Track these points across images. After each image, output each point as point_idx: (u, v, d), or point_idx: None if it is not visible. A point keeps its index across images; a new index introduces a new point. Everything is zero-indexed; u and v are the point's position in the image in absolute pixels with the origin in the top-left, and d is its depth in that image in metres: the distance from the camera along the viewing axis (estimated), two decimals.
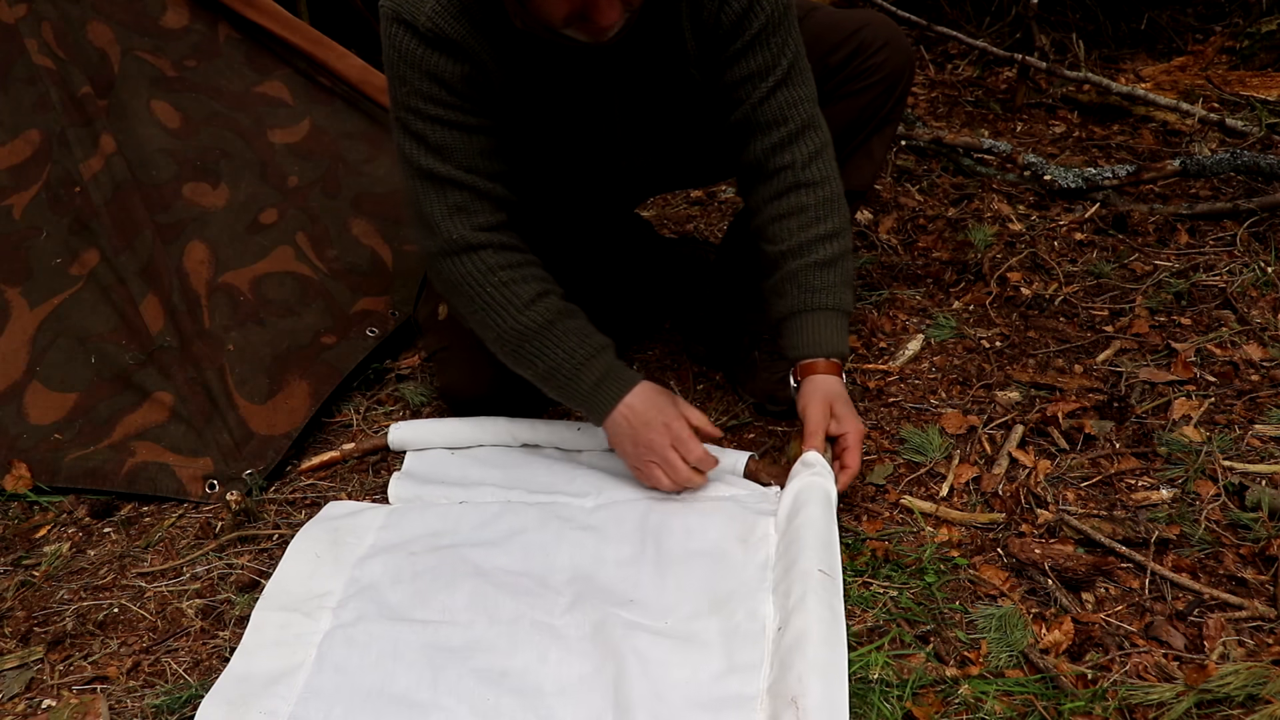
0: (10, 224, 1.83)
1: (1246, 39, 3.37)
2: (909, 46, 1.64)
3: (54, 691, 1.26)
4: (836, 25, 1.61)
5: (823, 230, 1.47)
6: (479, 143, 1.43)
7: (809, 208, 1.47)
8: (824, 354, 1.47)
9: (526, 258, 1.48)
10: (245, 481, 1.59)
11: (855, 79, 1.60)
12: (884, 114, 1.65)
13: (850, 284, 1.50)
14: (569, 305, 1.47)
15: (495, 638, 1.25)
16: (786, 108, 1.44)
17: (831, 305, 1.47)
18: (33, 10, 1.89)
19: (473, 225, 1.43)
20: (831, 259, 1.47)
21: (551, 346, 1.44)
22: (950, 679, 1.17)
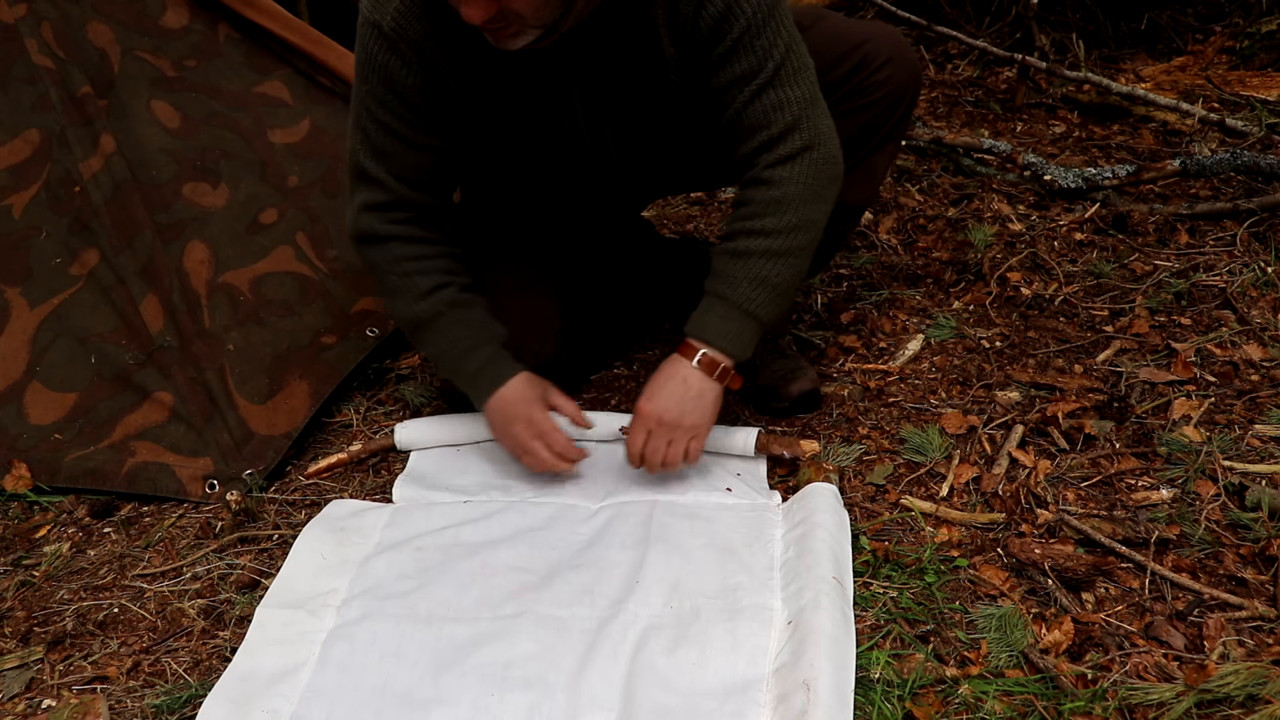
0: (10, 224, 1.82)
1: (1246, 39, 3.37)
2: (915, 62, 1.60)
3: (54, 691, 1.26)
4: (840, 39, 1.57)
5: (752, 225, 1.41)
6: (418, 157, 1.48)
7: (751, 202, 1.42)
8: (691, 333, 1.44)
9: (434, 250, 1.52)
10: (245, 481, 1.59)
11: (856, 95, 1.56)
12: (886, 130, 1.61)
13: (764, 284, 1.41)
14: (466, 296, 1.52)
15: (499, 631, 1.25)
16: (771, 111, 1.40)
17: (720, 293, 1.42)
18: (33, 10, 1.89)
19: (385, 219, 1.50)
20: (745, 251, 1.41)
21: (440, 336, 1.51)
22: (950, 679, 1.17)
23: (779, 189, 1.40)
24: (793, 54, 1.40)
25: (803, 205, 1.41)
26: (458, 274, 1.54)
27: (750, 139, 1.42)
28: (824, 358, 1.90)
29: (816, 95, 1.43)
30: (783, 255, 1.41)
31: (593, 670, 1.18)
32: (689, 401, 1.43)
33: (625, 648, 1.21)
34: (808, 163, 1.41)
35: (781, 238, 1.41)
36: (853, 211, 1.70)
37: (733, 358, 1.44)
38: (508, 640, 1.24)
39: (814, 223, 1.43)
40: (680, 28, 1.37)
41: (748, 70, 1.38)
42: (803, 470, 1.53)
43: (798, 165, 1.41)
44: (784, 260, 1.42)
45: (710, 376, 1.43)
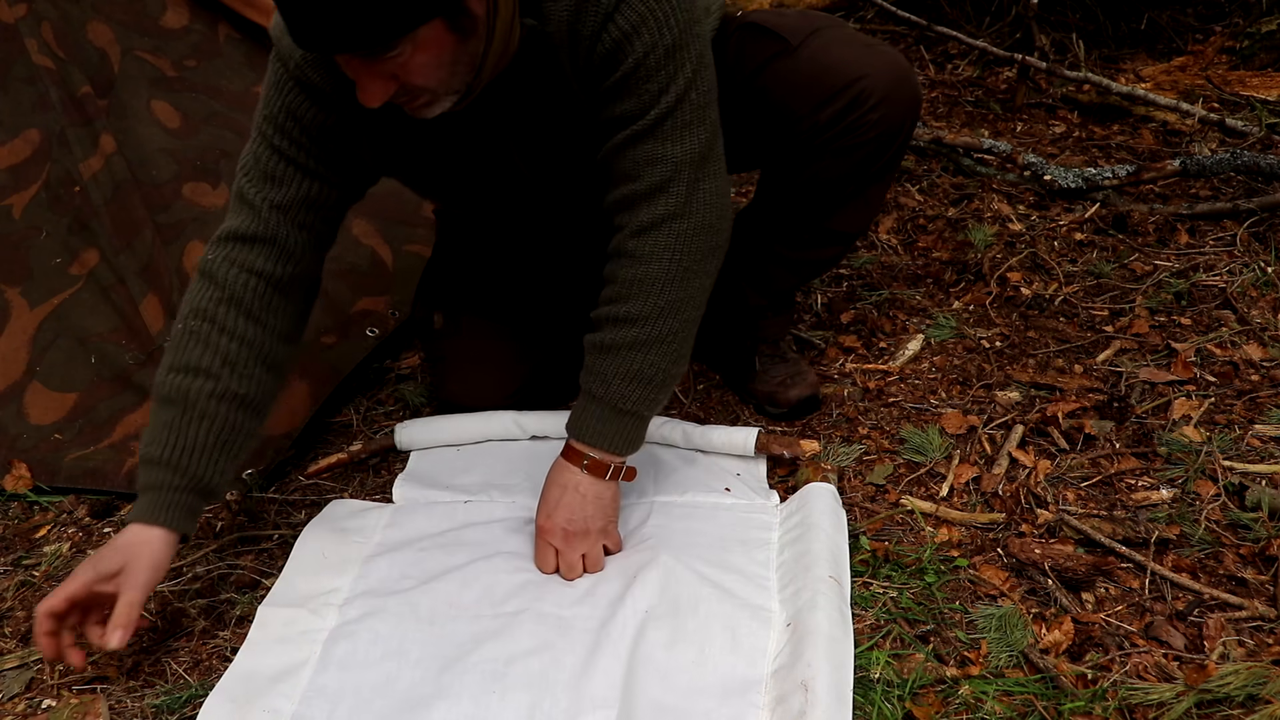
0: (10, 224, 1.83)
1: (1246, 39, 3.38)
2: (913, 93, 1.48)
3: (54, 691, 1.26)
4: (831, 71, 1.44)
5: (617, 311, 1.29)
6: (308, 189, 1.33)
7: (615, 280, 1.29)
8: (573, 435, 1.34)
9: (234, 322, 1.30)
10: (245, 481, 1.59)
11: (847, 135, 1.45)
12: (880, 166, 1.52)
13: (637, 379, 1.29)
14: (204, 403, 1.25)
15: (501, 629, 1.25)
16: (642, 164, 1.25)
17: (593, 392, 1.32)
18: (33, 10, 1.89)
19: (232, 259, 1.32)
20: (612, 345, 1.29)
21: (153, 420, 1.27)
22: (950, 679, 1.18)
23: (643, 266, 1.27)
24: (686, 104, 1.23)
25: (670, 285, 1.27)
26: (239, 372, 1.29)
27: (615, 188, 1.29)
28: (824, 358, 1.90)
29: (708, 154, 1.27)
30: (654, 344, 1.28)
31: (594, 669, 1.18)
32: (589, 508, 1.34)
33: (625, 645, 1.21)
34: (674, 235, 1.26)
35: (649, 325, 1.27)
36: (847, 238, 1.66)
37: (620, 457, 1.35)
38: (509, 637, 1.24)
39: (686, 302, 1.29)
40: (579, 58, 1.24)
41: (629, 112, 1.24)
42: (802, 470, 1.53)
43: (663, 237, 1.26)
44: (656, 349, 1.29)
45: (603, 479, 1.34)
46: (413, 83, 1.13)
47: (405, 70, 1.11)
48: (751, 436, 1.58)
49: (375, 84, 1.11)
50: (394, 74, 1.11)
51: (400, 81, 1.12)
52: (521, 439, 1.69)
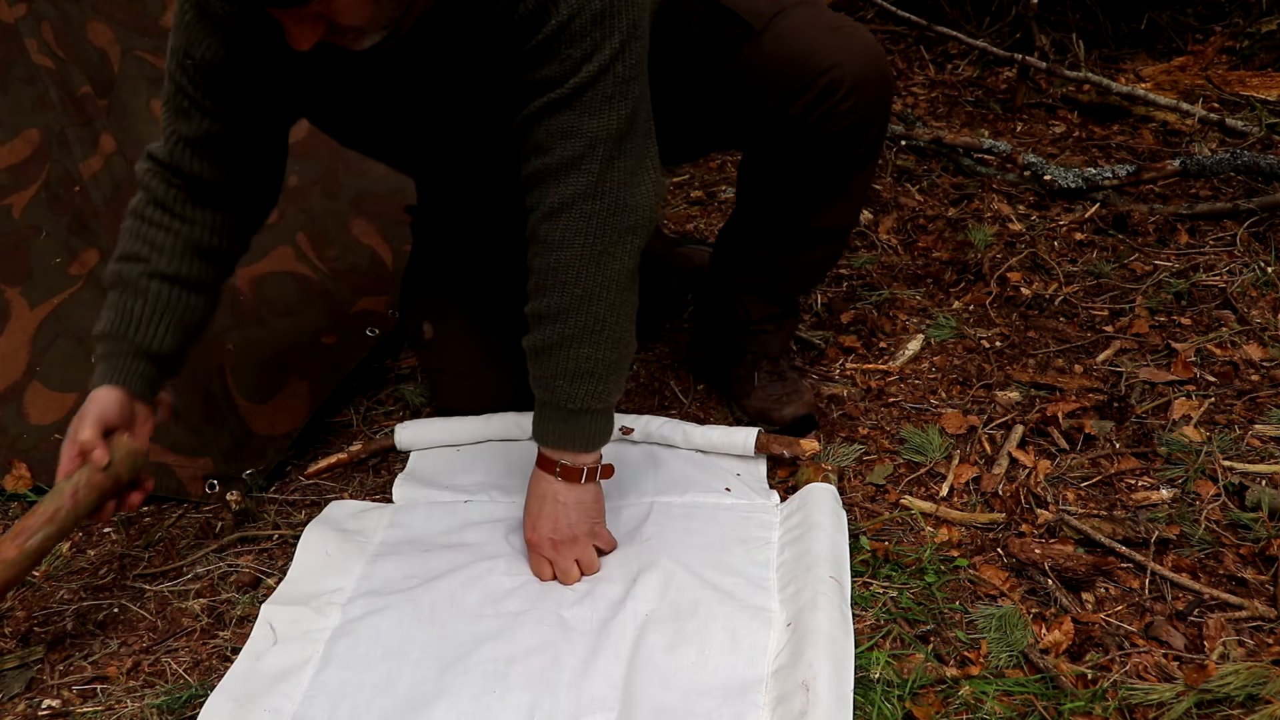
0: (10, 224, 1.82)
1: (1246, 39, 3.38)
2: (885, 78, 1.43)
3: (54, 691, 1.26)
4: (802, 60, 1.38)
5: (539, 308, 1.26)
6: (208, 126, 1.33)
7: (534, 272, 1.26)
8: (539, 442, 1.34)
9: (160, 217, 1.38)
10: (245, 481, 1.59)
11: (820, 126, 1.41)
12: (859, 155, 1.47)
13: (579, 376, 1.27)
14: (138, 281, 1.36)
15: (502, 629, 1.25)
16: (555, 136, 1.19)
17: (542, 398, 1.30)
18: (33, 10, 1.89)
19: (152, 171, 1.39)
20: (545, 346, 1.27)
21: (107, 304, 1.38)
22: (950, 679, 1.18)
23: (555, 252, 1.22)
24: (610, 77, 1.16)
25: (585, 271, 1.22)
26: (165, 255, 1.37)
27: (526, 161, 1.24)
28: (824, 358, 1.90)
29: (628, 131, 1.21)
30: (583, 336, 1.24)
31: (594, 670, 1.18)
32: (571, 514, 1.33)
33: (625, 647, 1.21)
34: (585, 216, 1.20)
35: (572, 318, 1.23)
36: (835, 234, 1.61)
37: (590, 454, 1.33)
38: (510, 637, 1.24)
39: (605, 286, 1.24)
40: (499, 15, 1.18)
41: (548, 78, 1.17)
42: (802, 470, 1.53)
43: (574, 219, 1.21)
44: (587, 341, 1.25)
45: (579, 483, 1.33)
46: (340, 22, 1.09)
47: (332, 10, 1.07)
48: (751, 437, 1.58)
49: (303, 27, 1.07)
50: (320, 14, 1.07)
51: (328, 21, 1.08)
52: (522, 439, 1.68)
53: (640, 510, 1.47)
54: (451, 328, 1.68)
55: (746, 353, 1.73)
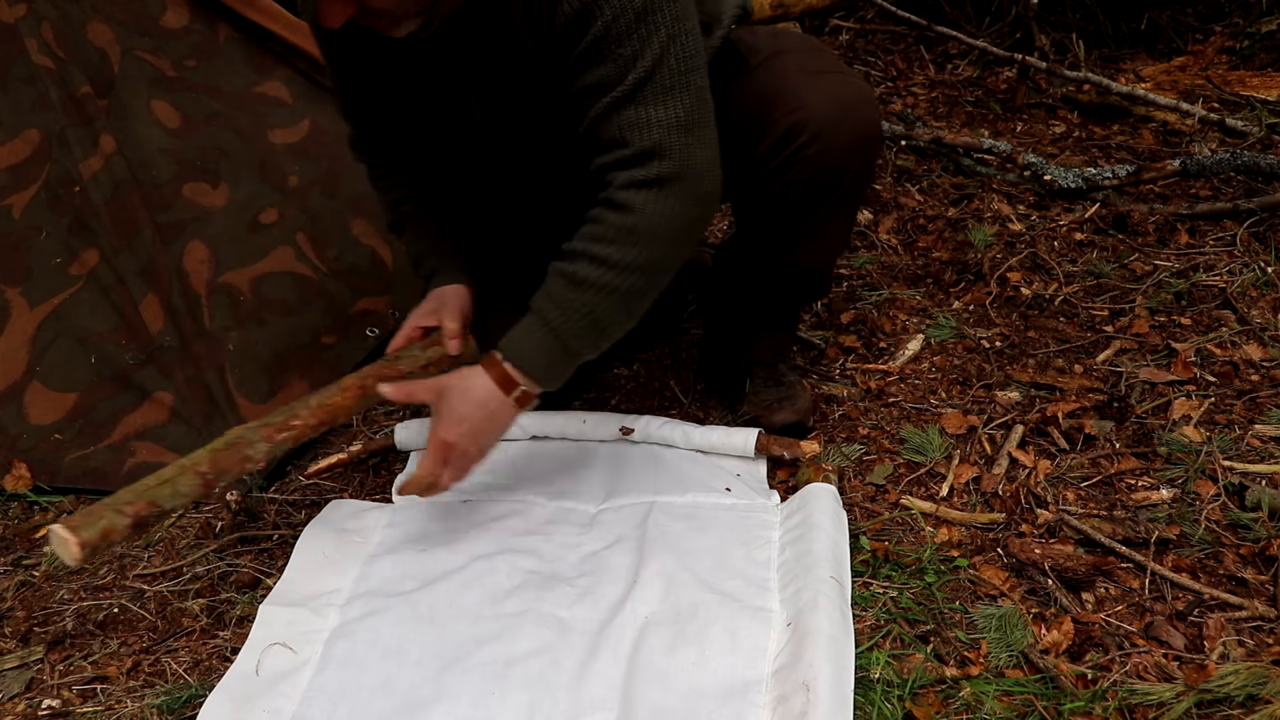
0: (10, 224, 1.82)
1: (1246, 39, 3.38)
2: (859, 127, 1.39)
3: (54, 691, 1.26)
4: (772, 101, 1.39)
5: (597, 251, 1.25)
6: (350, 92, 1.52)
7: (604, 222, 1.25)
8: (508, 356, 1.30)
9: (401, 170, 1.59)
10: (245, 481, 1.59)
11: (786, 171, 1.41)
12: (832, 203, 1.45)
13: (594, 324, 1.27)
14: (417, 210, 1.58)
15: (501, 630, 1.25)
16: (628, 129, 1.22)
17: (548, 319, 1.28)
18: (33, 10, 1.89)
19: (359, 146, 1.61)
20: (583, 280, 1.25)
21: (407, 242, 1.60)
22: (950, 679, 1.17)
23: (635, 216, 1.23)
24: (665, 67, 1.20)
25: (658, 243, 1.24)
26: (423, 190, 1.59)
27: (603, 154, 1.26)
28: (824, 358, 1.90)
29: (694, 119, 1.23)
30: (623, 294, 1.26)
31: (593, 671, 1.18)
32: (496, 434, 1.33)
33: (625, 648, 1.21)
34: (672, 194, 1.23)
35: (627, 275, 1.25)
36: (809, 275, 1.58)
37: (542, 388, 1.33)
38: (509, 639, 1.24)
39: (665, 264, 1.27)
40: (537, 19, 1.23)
41: (604, 80, 1.21)
42: (802, 471, 1.53)
43: (661, 194, 1.23)
44: (622, 301, 1.27)
45: (520, 410, 1.33)
46: (371, 5, 1.16)
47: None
48: (751, 437, 1.58)
49: (334, 7, 1.15)
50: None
51: (358, 4, 1.16)
52: (521, 439, 1.69)
53: (640, 510, 1.47)
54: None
55: (740, 357, 1.73)
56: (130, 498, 1.21)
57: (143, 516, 1.21)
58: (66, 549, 1.15)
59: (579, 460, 1.62)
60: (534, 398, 1.33)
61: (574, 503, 1.52)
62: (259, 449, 1.31)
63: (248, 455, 1.30)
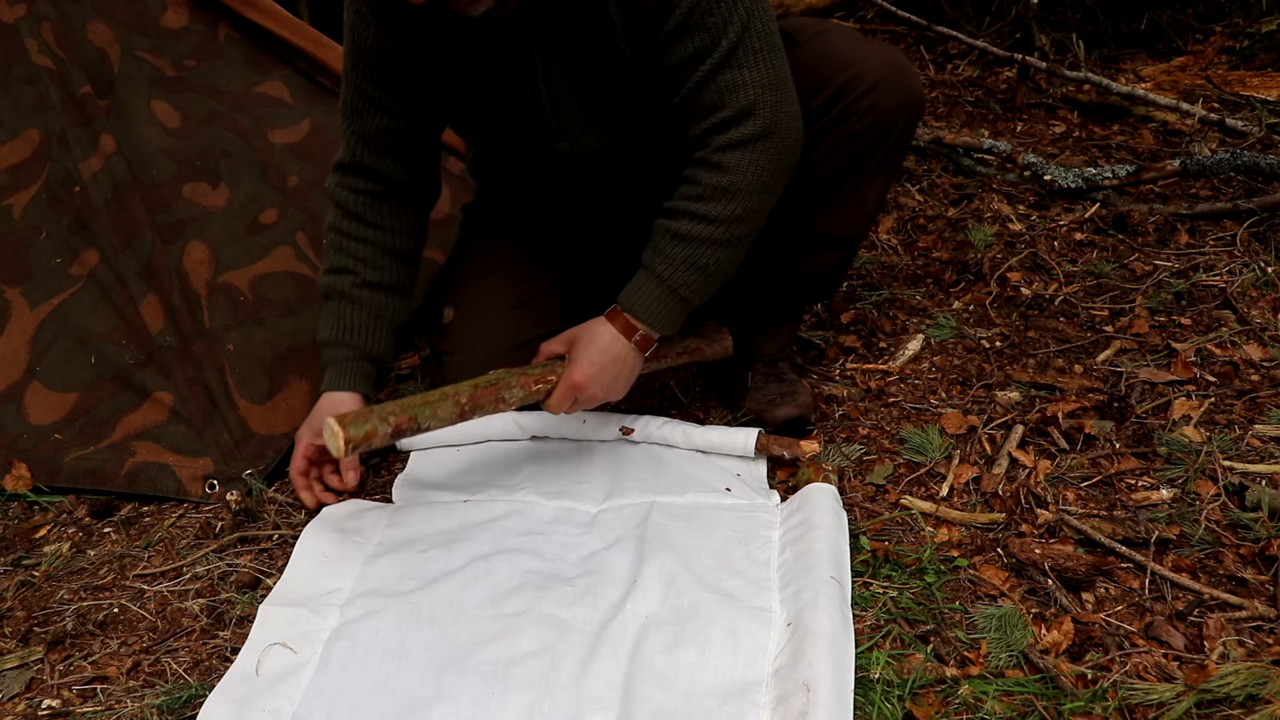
0: (10, 224, 1.82)
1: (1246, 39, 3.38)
2: (910, 88, 1.51)
3: (54, 691, 1.26)
4: (826, 61, 1.49)
5: (697, 209, 1.38)
6: (382, 121, 1.52)
7: (700, 182, 1.38)
8: (626, 307, 1.45)
9: (363, 232, 1.59)
10: (245, 481, 1.59)
11: (840, 123, 1.50)
12: (877, 159, 1.54)
13: (700, 271, 1.41)
14: (358, 293, 1.59)
15: (501, 630, 1.25)
16: (725, 92, 1.34)
17: (658, 273, 1.42)
18: (32, 10, 1.89)
19: (343, 183, 1.58)
20: (687, 235, 1.40)
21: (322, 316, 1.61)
22: (950, 679, 1.18)
23: (729, 175, 1.36)
24: (751, 33, 1.33)
25: (750, 196, 1.38)
26: (371, 265, 1.59)
27: (701, 120, 1.38)
28: (824, 358, 1.90)
29: (781, 78, 1.36)
30: (723, 245, 1.40)
31: (593, 671, 1.18)
32: (624, 378, 1.48)
33: (625, 648, 1.21)
34: (761, 151, 1.36)
35: (725, 227, 1.39)
36: (839, 243, 1.64)
37: (659, 334, 1.47)
38: (509, 639, 1.24)
39: (758, 213, 1.41)
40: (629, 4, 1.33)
41: (699, 49, 1.33)
42: (802, 471, 1.53)
43: (751, 153, 1.36)
44: (723, 249, 1.40)
45: (642, 353, 1.48)
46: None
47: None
48: (751, 437, 1.58)
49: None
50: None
51: None
52: (521, 439, 1.69)
53: (641, 510, 1.47)
54: (472, 313, 1.71)
55: (742, 353, 1.73)
56: (396, 410, 1.37)
57: (402, 428, 1.37)
58: (335, 441, 1.32)
59: (579, 460, 1.62)
60: (652, 342, 1.48)
61: (574, 503, 1.52)
62: (515, 393, 1.45)
63: (503, 397, 1.44)
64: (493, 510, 1.50)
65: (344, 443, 1.31)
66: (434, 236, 2.11)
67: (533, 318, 1.70)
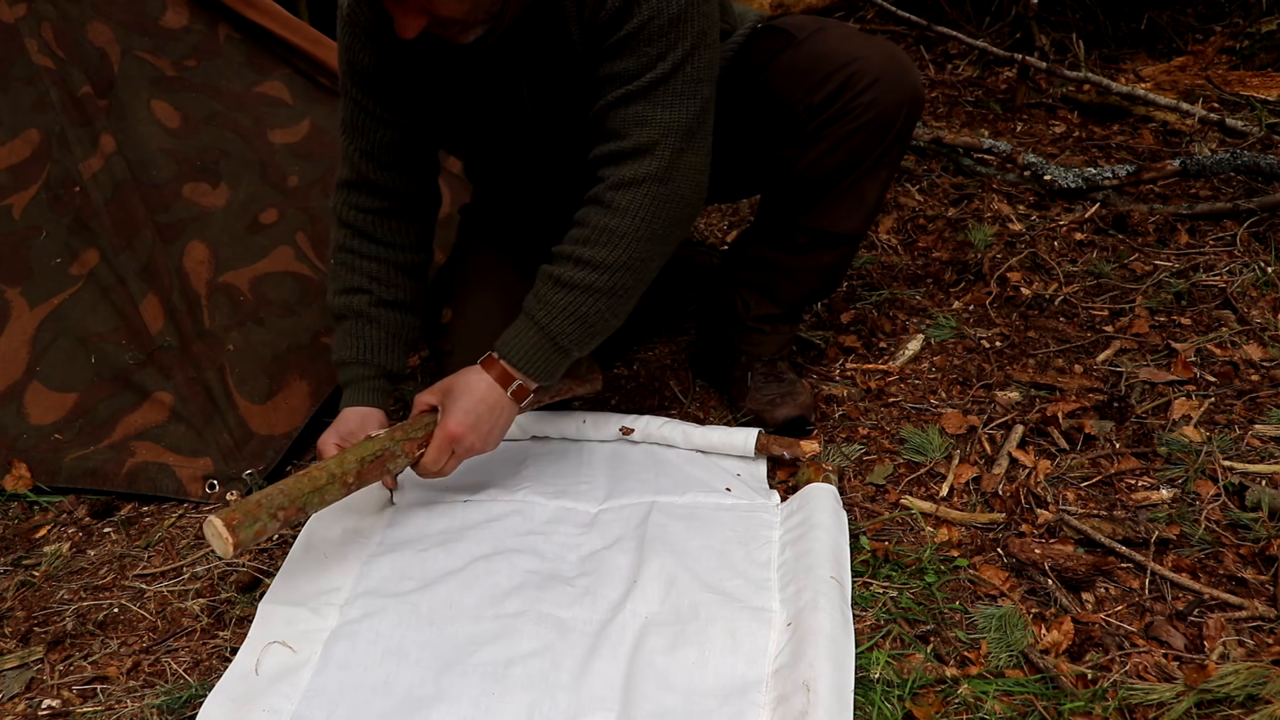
0: (10, 224, 1.83)
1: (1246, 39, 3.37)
2: (910, 83, 1.51)
3: (54, 691, 1.26)
4: (828, 57, 1.49)
5: (582, 253, 1.35)
6: (384, 135, 1.51)
7: (589, 224, 1.35)
8: (502, 354, 1.41)
9: (373, 250, 1.57)
10: (245, 481, 1.59)
11: (841, 119, 1.50)
12: (877, 155, 1.54)
13: (580, 321, 1.37)
14: (375, 311, 1.56)
15: (501, 630, 1.25)
16: (631, 123, 1.32)
17: (536, 319, 1.38)
18: (33, 10, 1.89)
19: (348, 202, 1.56)
20: (569, 282, 1.36)
21: (339, 336, 1.58)
22: (950, 679, 1.17)
23: (616, 218, 1.33)
24: (681, 74, 1.30)
25: (636, 243, 1.34)
26: (385, 283, 1.57)
27: (604, 144, 1.36)
28: (824, 358, 1.90)
29: (696, 127, 1.33)
30: (605, 294, 1.36)
31: (593, 671, 1.18)
32: (499, 427, 1.43)
33: (625, 648, 1.21)
34: (653, 197, 1.33)
35: (608, 274, 1.35)
36: (841, 239, 1.64)
37: (536, 383, 1.43)
38: (509, 639, 1.24)
39: (645, 264, 1.36)
40: (585, 22, 1.34)
41: (624, 71, 1.31)
42: (802, 471, 1.53)
43: (642, 196, 1.32)
44: (605, 299, 1.36)
45: (518, 404, 1.43)
46: (441, 15, 1.25)
47: (433, 4, 1.24)
48: (751, 437, 1.58)
49: (408, 19, 1.25)
50: (424, 8, 1.24)
51: (430, 15, 1.25)
52: (522, 439, 1.69)
53: (641, 510, 1.47)
54: (470, 313, 1.71)
55: (741, 353, 1.73)
56: (284, 501, 1.30)
57: (291, 519, 1.31)
58: (221, 544, 1.24)
59: (579, 460, 1.62)
60: (529, 392, 1.43)
61: (574, 503, 1.52)
62: (399, 463, 1.41)
63: (388, 468, 1.40)
64: (492, 510, 1.50)
65: (232, 547, 1.22)
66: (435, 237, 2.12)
67: None
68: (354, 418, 1.52)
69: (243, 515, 1.25)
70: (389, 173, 1.54)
